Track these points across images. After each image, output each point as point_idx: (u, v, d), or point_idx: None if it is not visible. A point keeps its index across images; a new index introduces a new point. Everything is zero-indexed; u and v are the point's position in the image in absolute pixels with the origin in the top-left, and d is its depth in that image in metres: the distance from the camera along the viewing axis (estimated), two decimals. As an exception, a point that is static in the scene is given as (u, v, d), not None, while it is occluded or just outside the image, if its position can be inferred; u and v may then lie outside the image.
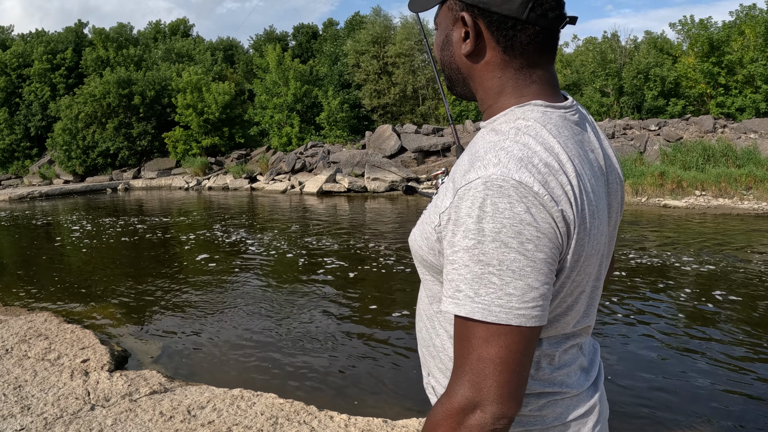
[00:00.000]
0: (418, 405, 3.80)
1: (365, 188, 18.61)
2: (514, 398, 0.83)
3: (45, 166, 28.38)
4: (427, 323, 1.08)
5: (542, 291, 0.83)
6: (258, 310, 6.12)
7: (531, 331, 0.83)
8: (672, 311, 5.68)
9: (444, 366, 1.04)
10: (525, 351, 0.83)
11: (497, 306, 0.81)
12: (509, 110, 0.94)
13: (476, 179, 0.83)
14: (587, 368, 1.05)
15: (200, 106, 25.40)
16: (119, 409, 3.44)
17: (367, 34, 26.70)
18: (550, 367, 0.97)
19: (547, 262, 0.83)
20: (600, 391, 1.06)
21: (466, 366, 0.84)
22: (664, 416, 3.64)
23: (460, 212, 0.84)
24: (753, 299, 5.91)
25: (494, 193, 0.81)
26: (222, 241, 10.40)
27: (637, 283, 6.66)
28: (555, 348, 0.97)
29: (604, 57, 21.80)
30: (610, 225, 1.01)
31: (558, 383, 0.97)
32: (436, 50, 1.05)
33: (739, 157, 14.94)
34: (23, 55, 29.62)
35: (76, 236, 11.93)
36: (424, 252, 0.97)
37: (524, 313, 0.82)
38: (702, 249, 8.36)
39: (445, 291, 0.86)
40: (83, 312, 6.23)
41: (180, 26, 38.17)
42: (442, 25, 1.01)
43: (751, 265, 7.34)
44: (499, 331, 0.82)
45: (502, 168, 0.83)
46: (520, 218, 0.81)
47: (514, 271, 0.81)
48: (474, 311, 0.82)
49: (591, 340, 1.12)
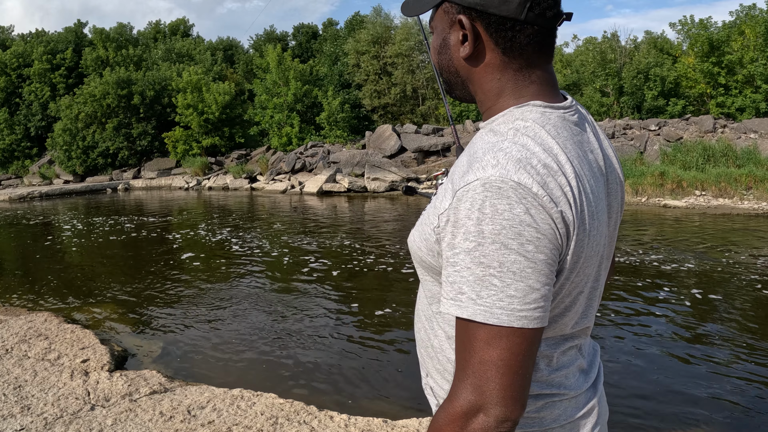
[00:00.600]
0: (418, 405, 3.80)
1: (365, 188, 18.61)
2: (517, 401, 0.82)
3: (45, 166, 28.38)
4: (425, 324, 1.07)
5: (543, 292, 0.82)
6: (258, 310, 6.12)
7: (533, 332, 0.82)
8: (672, 311, 5.68)
9: (442, 367, 1.03)
10: (527, 353, 0.83)
11: (499, 308, 0.81)
12: (508, 111, 0.93)
13: (475, 181, 0.83)
14: (586, 370, 1.04)
15: (200, 106, 25.40)
16: (119, 409, 3.44)
17: (367, 34, 26.70)
18: (549, 368, 0.96)
19: (547, 263, 0.82)
20: (599, 392, 1.05)
21: (468, 369, 0.83)
22: (664, 418, 3.64)
23: (459, 214, 0.83)
24: (753, 299, 5.91)
25: (493, 194, 0.81)
26: (222, 241, 10.40)
27: (637, 283, 6.66)
28: (553, 349, 0.96)
29: (604, 57, 21.80)
30: (610, 226, 1.00)
31: (556, 385, 0.97)
32: (433, 54, 1.04)
33: (739, 157, 14.94)
34: (23, 55, 29.62)
35: (76, 236, 11.93)
36: (423, 253, 0.97)
37: (526, 314, 0.81)
38: (702, 249, 8.36)
39: (446, 293, 0.86)
40: (83, 312, 6.23)
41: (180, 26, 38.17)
42: (438, 29, 1.00)
43: (751, 265, 7.33)
44: (501, 333, 0.81)
45: (501, 169, 0.82)
46: (520, 219, 0.80)
47: (515, 273, 0.80)
48: (476, 313, 0.81)
49: (591, 341, 1.11)
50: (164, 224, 13.15)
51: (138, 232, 12.00)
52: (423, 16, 1.16)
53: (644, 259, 7.85)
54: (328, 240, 10.16)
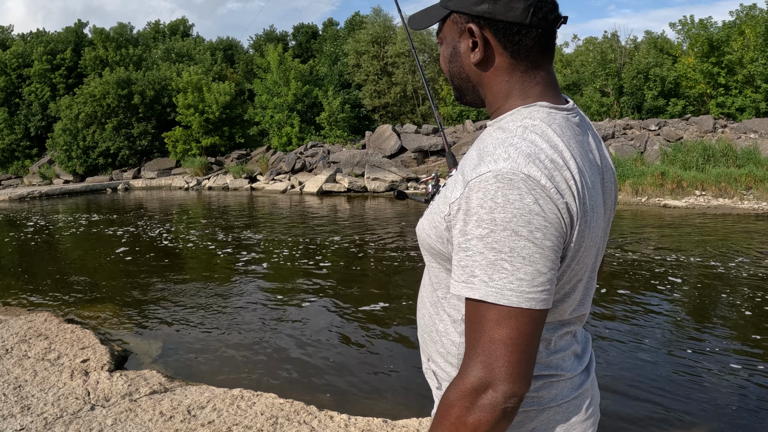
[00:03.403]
0: (418, 405, 3.80)
1: (365, 188, 18.61)
2: (524, 377, 0.87)
3: (45, 166, 28.37)
4: (430, 309, 1.12)
5: (549, 276, 0.88)
6: (258, 310, 6.12)
7: (540, 313, 0.88)
8: (671, 311, 5.68)
9: (445, 350, 1.08)
10: (534, 333, 0.88)
11: (509, 290, 0.86)
12: (516, 110, 0.99)
13: (487, 172, 0.88)
14: (580, 354, 1.11)
15: (201, 106, 25.40)
16: (119, 409, 3.44)
17: (367, 34, 26.70)
18: (547, 351, 1.03)
19: (553, 250, 0.88)
20: (592, 376, 1.12)
21: (478, 348, 0.88)
22: (662, 417, 3.64)
23: (471, 203, 0.89)
24: (753, 299, 5.91)
25: (505, 185, 0.86)
26: (222, 241, 10.40)
27: (637, 283, 6.66)
28: (552, 333, 1.03)
29: (604, 57, 21.79)
30: (605, 220, 1.06)
31: (554, 366, 1.03)
32: (443, 63, 1.10)
33: (739, 157, 14.94)
34: (23, 55, 29.59)
35: (76, 236, 11.93)
36: (432, 240, 1.02)
37: (534, 296, 0.86)
38: (702, 249, 8.36)
39: (457, 276, 0.91)
40: (83, 312, 6.23)
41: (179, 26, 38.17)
42: (448, 39, 1.07)
43: (751, 265, 7.33)
44: (510, 313, 0.86)
45: (512, 162, 0.88)
46: (530, 209, 0.86)
47: (525, 258, 0.86)
48: (488, 295, 0.87)
49: (583, 330, 1.18)
50: (164, 224, 13.15)
51: (138, 232, 11.99)
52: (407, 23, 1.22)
53: (644, 258, 7.85)
54: (328, 240, 10.16)
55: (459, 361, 1.05)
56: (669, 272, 7.11)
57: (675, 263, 7.55)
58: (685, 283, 6.64)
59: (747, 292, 6.15)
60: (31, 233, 12.64)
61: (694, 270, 7.17)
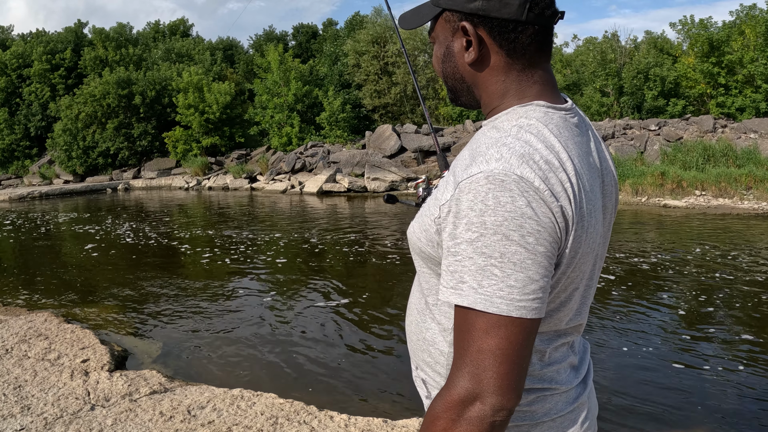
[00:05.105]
0: (418, 405, 3.80)
1: (365, 188, 18.61)
2: (513, 390, 0.83)
3: (45, 166, 28.38)
4: (417, 317, 1.08)
5: (542, 284, 0.83)
6: (258, 310, 6.12)
7: (531, 323, 0.84)
8: (671, 311, 5.68)
9: (433, 360, 1.04)
10: (525, 343, 0.84)
11: (499, 297, 0.82)
12: (511, 109, 0.95)
13: (478, 173, 0.84)
14: (577, 366, 1.06)
15: (201, 106, 25.39)
16: (119, 409, 3.44)
17: (367, 34, 26.69)
18: (541, 363, 0.98)
19: (546, 256, 0.84)
20: (589, 388, 1.07)
21: (466, 358, 0.84)
22: (661, 418, 3.64)
23: (461, 205, 0.85)
24: (753, 300, 5.91)
25: (496, 187, 0.82)
26: (222, 241, 10.40)
27: (636, 283, 6.66)
28: (546, 345, 0.98)
29: (604, 57, 21.79)
30: (605, 225, 1.01)
31: (548, 379, 0.98)
32: (436, 64, 1.05)
33: (739, 157, 14.94)
34: (23, 55, 29.59)
35: (75, 236, 11.93)
36: (423, 243, 0.98)
37: (525, 305, 0.82)
38: (701, 249, 8.36)
39: (446, 282, 0.87)
40: (83, 312, 6.23)
41: (179, 26, 38.16)
42: (440, 38, 1.02)
43: (750, 265, 7.33)
44: (500, 322, 0.82)
45: (504, 163, 0.84)
46: (522, 212, 0.82)
47: (516, 264, 0.82)
48: (476, 302, 0.83)
49: (581, 339, 1.13)
50: (164, 224, 13.15)
51: (138, 232, 11.99)
52: (398, 22, 1.16)
53: (644, 259, 7.85)
54: (327, 240, 10.16)
55: (448, 371, 1.01)
56: (668, 272, 7.11)
57: (674, 263, 7.55)
58: (684, 282, 6.64)
59: (747, 293, 6.15)
60: (31, 233, 12.64)
61: (694, 270, 7.17)
